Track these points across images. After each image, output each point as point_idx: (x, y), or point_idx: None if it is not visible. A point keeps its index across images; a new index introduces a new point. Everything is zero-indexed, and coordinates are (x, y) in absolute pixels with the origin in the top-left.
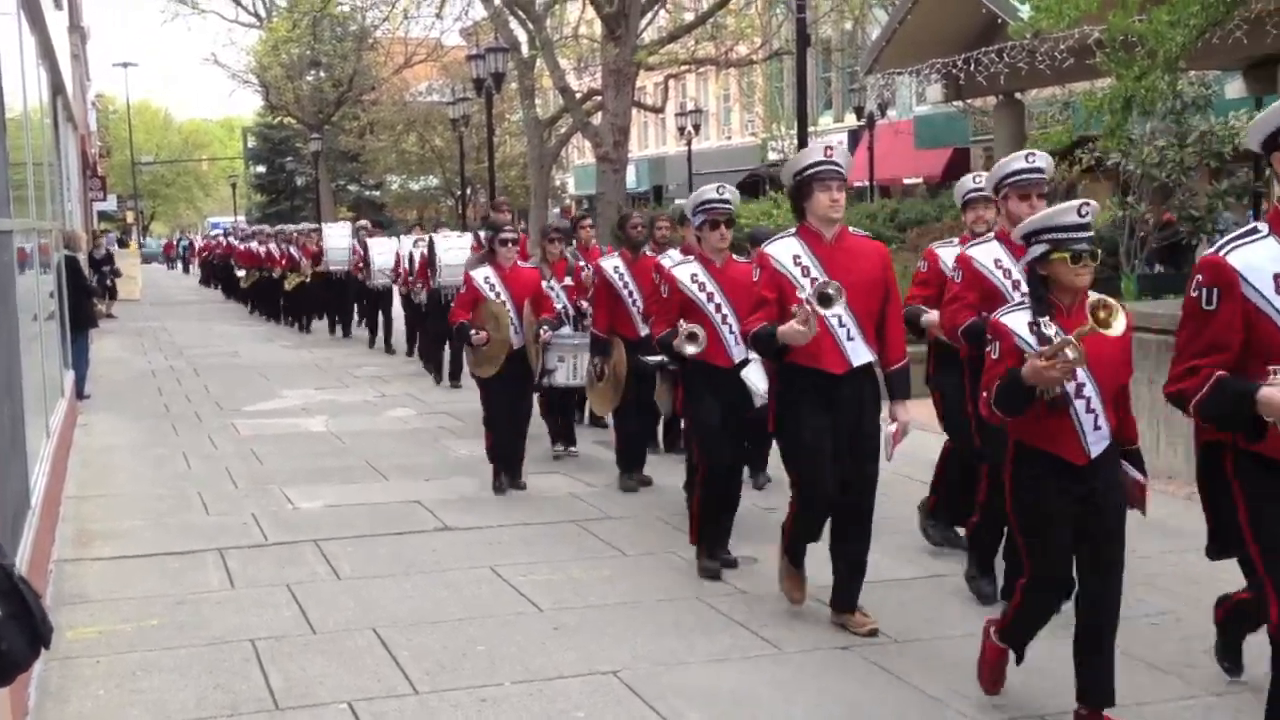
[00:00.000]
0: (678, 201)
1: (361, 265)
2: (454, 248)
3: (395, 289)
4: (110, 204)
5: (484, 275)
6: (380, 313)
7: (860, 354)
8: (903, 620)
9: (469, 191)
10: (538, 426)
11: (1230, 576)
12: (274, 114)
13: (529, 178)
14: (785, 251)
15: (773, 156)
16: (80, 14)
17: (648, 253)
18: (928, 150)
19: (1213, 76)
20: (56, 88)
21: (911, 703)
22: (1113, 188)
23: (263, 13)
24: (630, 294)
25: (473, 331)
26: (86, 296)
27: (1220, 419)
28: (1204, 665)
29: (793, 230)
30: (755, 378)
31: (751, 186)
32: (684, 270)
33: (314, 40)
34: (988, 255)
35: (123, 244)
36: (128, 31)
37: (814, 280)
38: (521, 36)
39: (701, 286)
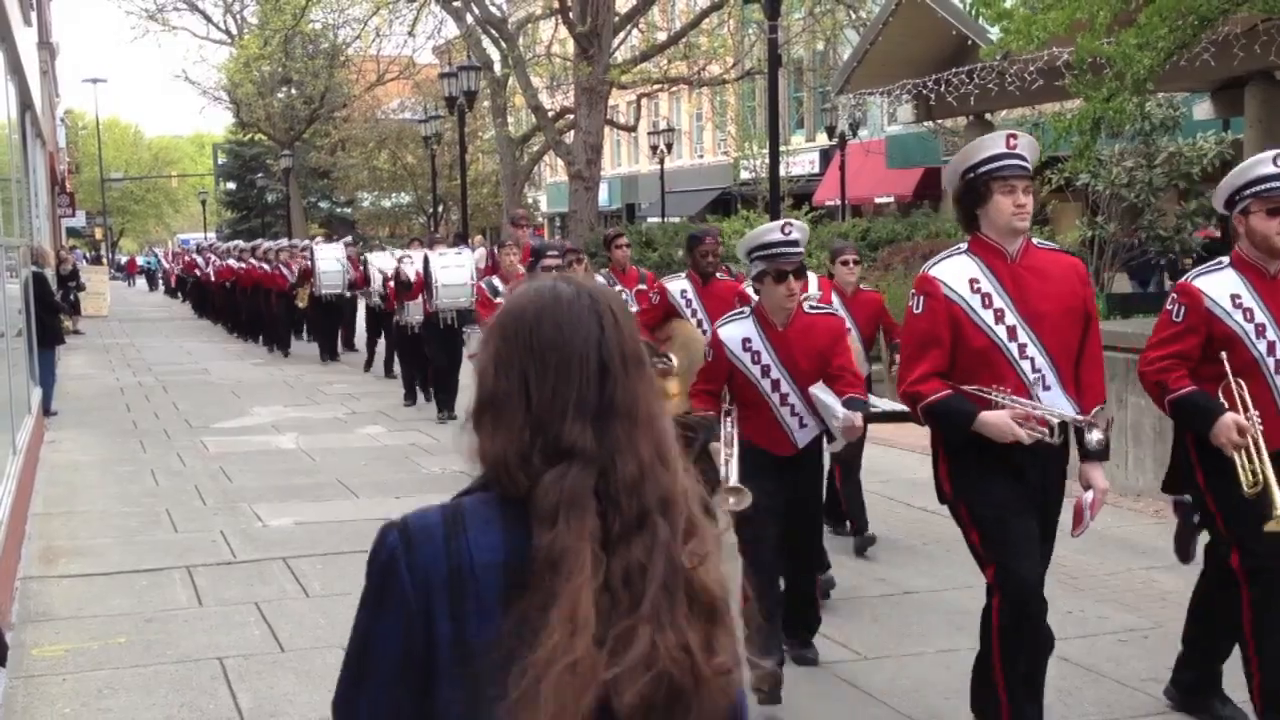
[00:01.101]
0: (650, 220)
1: (365, 282)
2: (451, 265)
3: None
4: (79, 220)
5: None
6: (383, 334)
7: (1061, 408)
8: (874, 637)
9: (440, 209)
10: None
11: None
12: (245, 131)
13: (501, 196)
14: (958, 274)
15: (745, 175)
16: (49, 30)
17: (720, 276)
18: (899, 170)
19: (1181, 98)
20: (25, 104)
21: None
22: (1082, 208)
23: (234, 30)
24: (699, 322)
25: None
26: (53, 313)
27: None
28: None
29: (962, 246)
30: (829, 395)
31: (723, 205)
32: (734, 332)
33: (285, 58)
34: (1221, 288)
35: (97, 260)
36: (97, 48)
37: (998, 311)
38: (494, 55)
39: (755, 356)
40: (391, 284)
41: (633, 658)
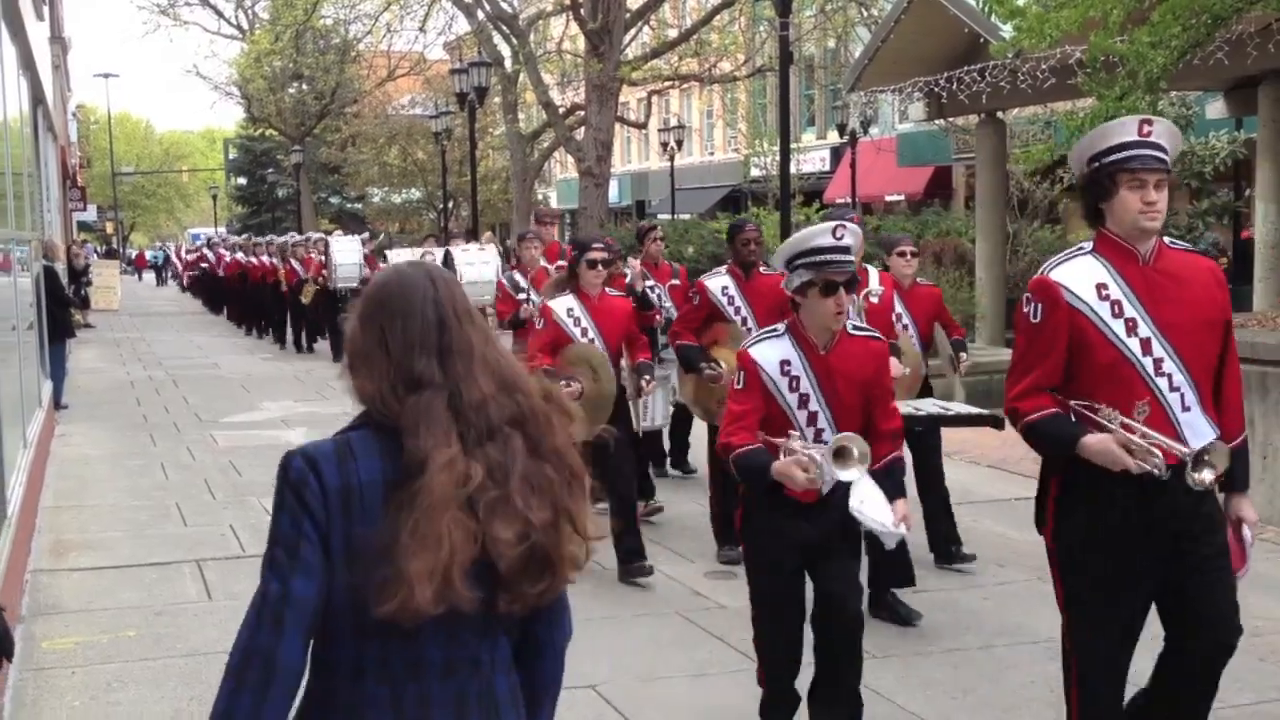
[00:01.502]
0: (660, 217)
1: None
2: (475, 262)
3: None
4: (90, 214)
5: (566, 307)
6: None
7: (1200, 431)
8: (882, 636)
9: (451, 205)
10: None
11: None
12: (256, 126)
13: (511, 192)
14: (1083, 278)
15: (755, 173)
16: (61, 25)
17: (762, 270)
18: (910, 168)
19: (1194, 97)
20: (37, 98)
21: (890, 718)
22: None
23: (245, 25)
24: (744, 320)
25: (563, 383)
26: (64, 306)
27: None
28: None
29: (1086, 245)
30: (873, 510)
31: (733, 202)
32: (770, 353)
33: (296, 53)
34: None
35: (111, 255)
36: (109, 42)
37: (1130, 321)
38: (505, 51)
39: (794, 383)
40: None
41: (506, 527)
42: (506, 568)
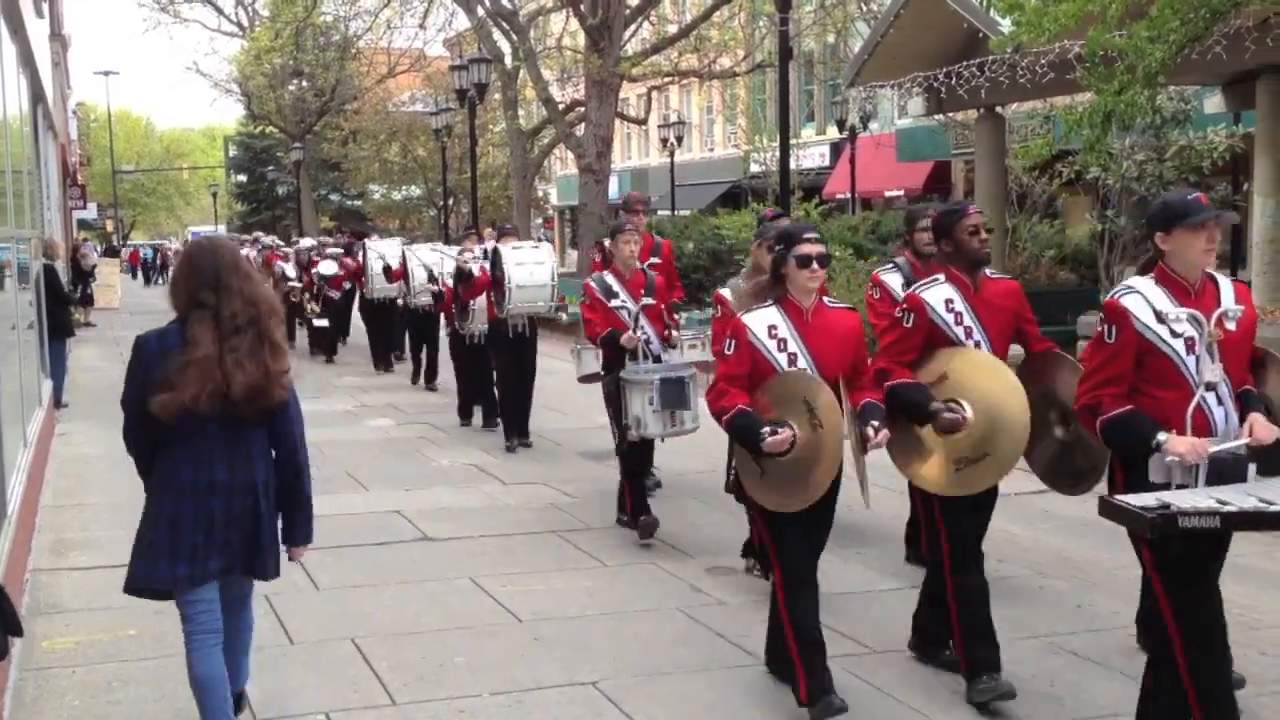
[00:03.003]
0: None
1: (402, 276)
2: (528, 263)
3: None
4: (90, 212)
5: (767, 324)
6: (425, 343)
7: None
8: (883, 631)
9: (451, 202)
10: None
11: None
12: (256, 123)
13: (511, 188)
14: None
15: (755, 168)
16: (61, 22)
17: (989, 273)
18: (909, 163)
19: (1192, 91)
20: (37, 96)
21: (891, 714)
22: (1092, 201)
23: (245, 22)
24: (976, 343)
25: (767, 430)
26: (64, 305)
27: None
28: None
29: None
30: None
31: (733, 198)
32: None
33: (296, 50)
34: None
35: (112, 253)
36: (109, 40)
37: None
38: (505, 47)
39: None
40: (447, 282)
41: (237, 376)
42: (235, 395)
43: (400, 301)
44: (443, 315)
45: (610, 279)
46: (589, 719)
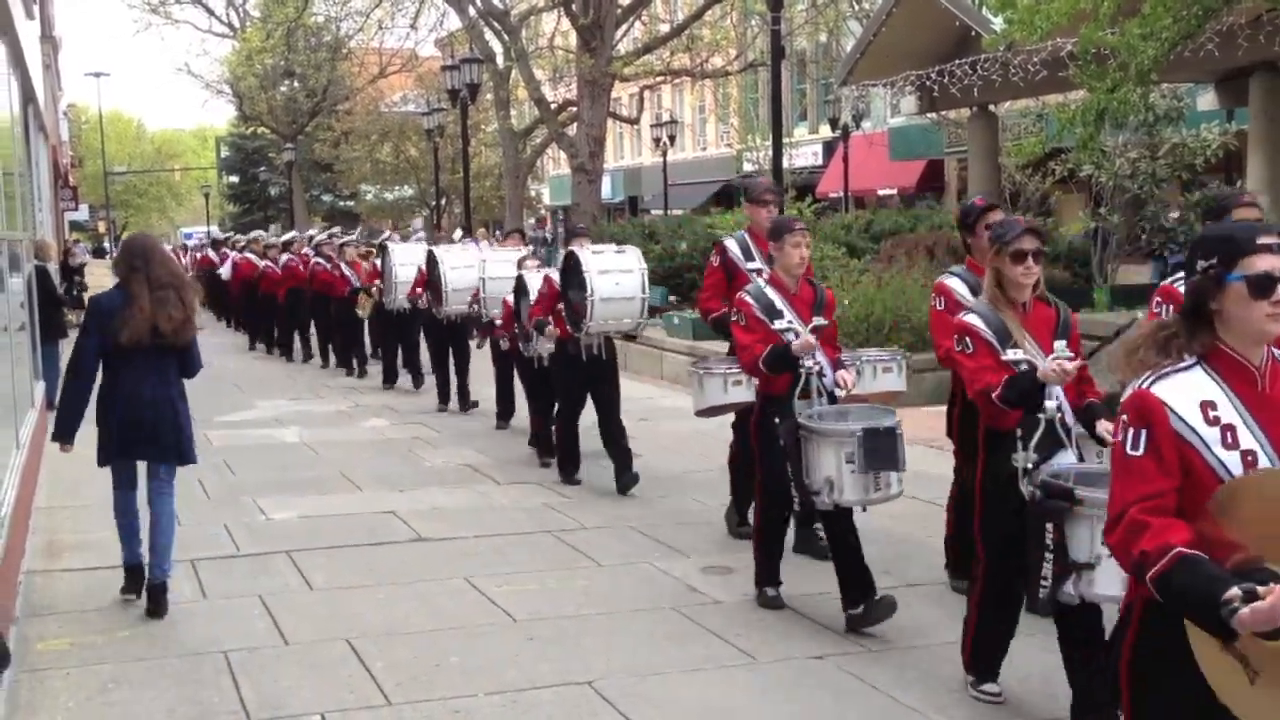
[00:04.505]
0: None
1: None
2: (612, 269)
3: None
4: (82, 214)
5: (1197, 398)
6: (454, 355)
7: None
8: (879, 630)
9: (443, 202)
10: None
11: None
12: (248, 124)
13: (504, 188)
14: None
15: (748, 167)
16: (52, 24)
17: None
18: (902, 162)
19: (1185, 89)
20: (28, 97)
21: (886, 712)
22: (1085, 199)
23: (236, 23)
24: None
25: (1242, 593)
26: (57, 306)
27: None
28: None
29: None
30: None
31: (726, 198)
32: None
33: (288, 50)
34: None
35: (99, 254)
36: (100, 41)
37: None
38: (497, 47)
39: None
40: (509, 299)
41: (165, 318)
42: (164, 330)
43: (422, 305)
44: (477, 331)
45: (772, 293)
46: (584, 718)
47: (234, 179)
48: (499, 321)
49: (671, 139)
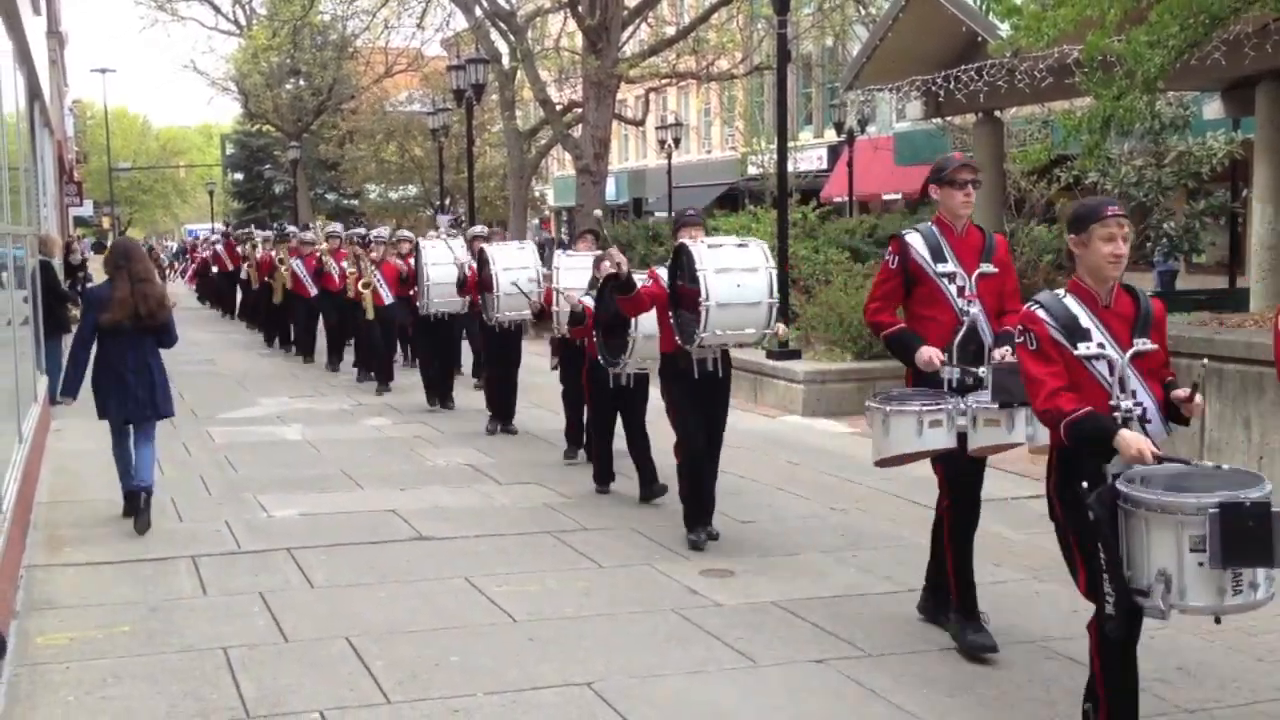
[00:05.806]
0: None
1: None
2: (734, 268)
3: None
4: (87, 210)
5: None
6: (502, 368)
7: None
8: (878, 634)
9: (448, 201)
10: None
11: None
12: (253, 122)
13: (508, 189)
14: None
15: (752, 171)
16: (58, 19)
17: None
18: (907, 167)
19: (1191, 97)
20: (34, 93)
21: (886, 717)
22: None
23: (243, 20)
24: None
25: None
26: (60, 301)
27: None
28: (1176, 682)
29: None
30: None
31: (730, 200)
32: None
33: (294, 49)
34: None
35: (101, 249)
36: (106, 37)
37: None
38: (503, 48)
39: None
40: (589, 304)
41: (143, 302)
42: (144, 313)
43: (466, 308)
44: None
45: (1074, 304)
46: None
47: (238, 176)
48: (568, 334)
49: (676, 141)
